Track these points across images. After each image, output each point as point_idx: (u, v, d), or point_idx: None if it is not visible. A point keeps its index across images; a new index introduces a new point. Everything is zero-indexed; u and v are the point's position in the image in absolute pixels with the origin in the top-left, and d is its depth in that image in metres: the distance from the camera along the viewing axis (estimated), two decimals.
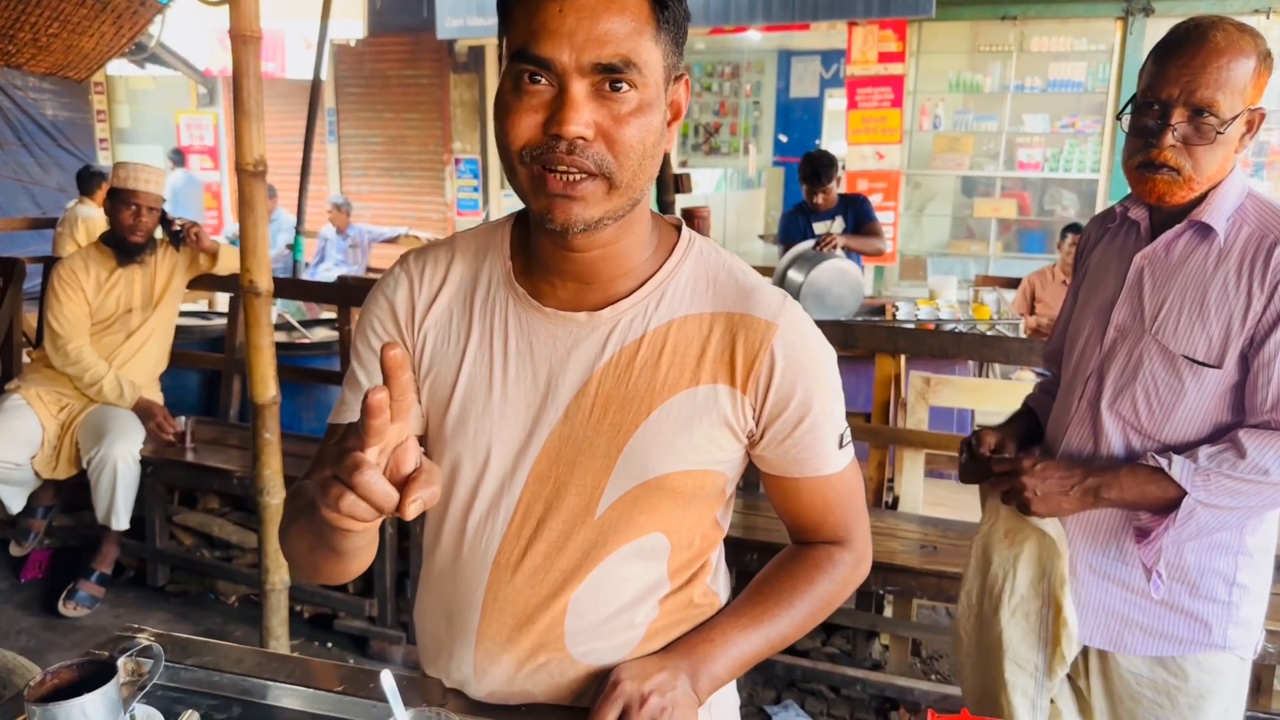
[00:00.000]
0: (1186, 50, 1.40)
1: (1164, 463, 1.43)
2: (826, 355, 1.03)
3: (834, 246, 4.34)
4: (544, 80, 0.85)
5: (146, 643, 1.05)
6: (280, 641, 2.54)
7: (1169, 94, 1.40)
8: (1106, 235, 1.65)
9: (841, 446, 1.05)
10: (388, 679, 0.89)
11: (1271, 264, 1.39)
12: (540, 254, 0.99)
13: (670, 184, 3.99)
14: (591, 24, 0.83)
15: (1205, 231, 1.46)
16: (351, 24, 8.42)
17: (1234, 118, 1.39)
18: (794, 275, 4.21)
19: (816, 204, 4.68)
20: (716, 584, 1.12)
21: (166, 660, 1.07)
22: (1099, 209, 7.62)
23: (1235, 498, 1.40)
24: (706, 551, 1.09)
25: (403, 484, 0.74)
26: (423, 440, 1.06)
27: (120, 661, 0.98)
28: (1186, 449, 1.46)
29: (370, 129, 9.57)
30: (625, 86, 0.86)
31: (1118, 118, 1.54)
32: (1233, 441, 1.41)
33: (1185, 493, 1.40)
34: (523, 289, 1.00)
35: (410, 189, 9.56)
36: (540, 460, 0.99)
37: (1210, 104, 1.38)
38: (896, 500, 2.95)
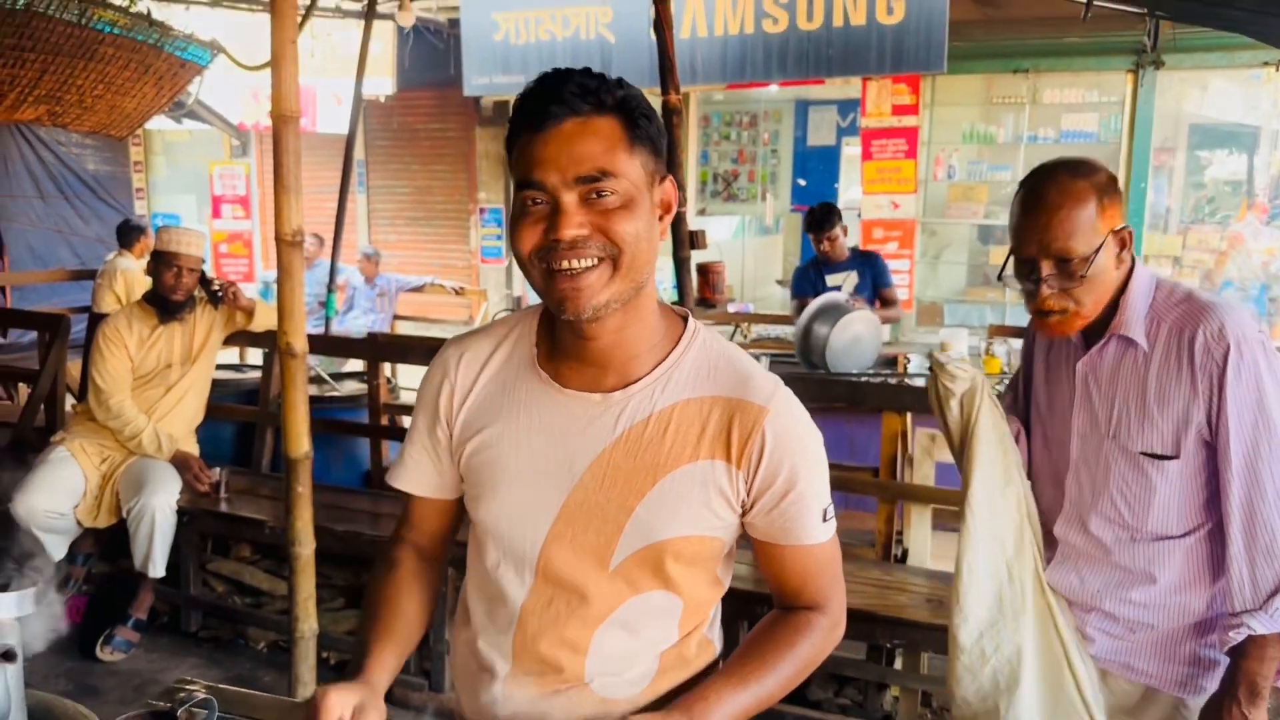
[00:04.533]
0: (1031, 211, 1.55)
1: (1245, 631, 1.51)
2: (813, 437, 1.18)
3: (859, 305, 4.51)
4: (542, 200, 1.06)
5: (201, 695, 1.17)
6: (308, 687, 2.65)
7: (1030, 252, 1.56)
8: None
9: (825, 520, 1.18)
10: None
11: (1197, 355, 1.51)
12: (561, 341, 1.17)
13: (685, 240, 4.13)
14: (571, 149, 1.04)
15: (1129, 340, 1.58)
16: (382, 81, 8.70)
17: (1096, 251, 1.52)
18: (819, 329, 4.30)
19: (824, 251, 4.83)
20: (713, 633, 1.28)
21: (219, 712, 1.19)
22: None
23: None
24: (709, 607, 1.25)
25: None
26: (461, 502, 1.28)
27: (179, 713, 1.10)
28: (1172, 538, 1.59)
29: (399, 180, 9.86)
30: (607, 191, 1.05)
31: (999, 278, 1.69)
32: (1250, 573, 1.51)
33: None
34: (545, 373, 1.17)
35: (436, 238, 9.82)
36: (558, 522, 1.15)
37: (1065, 252, 1.52)
38: (905, 554, 3.03)
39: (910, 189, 7.92)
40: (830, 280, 4.87)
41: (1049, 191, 1.53)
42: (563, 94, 1.05)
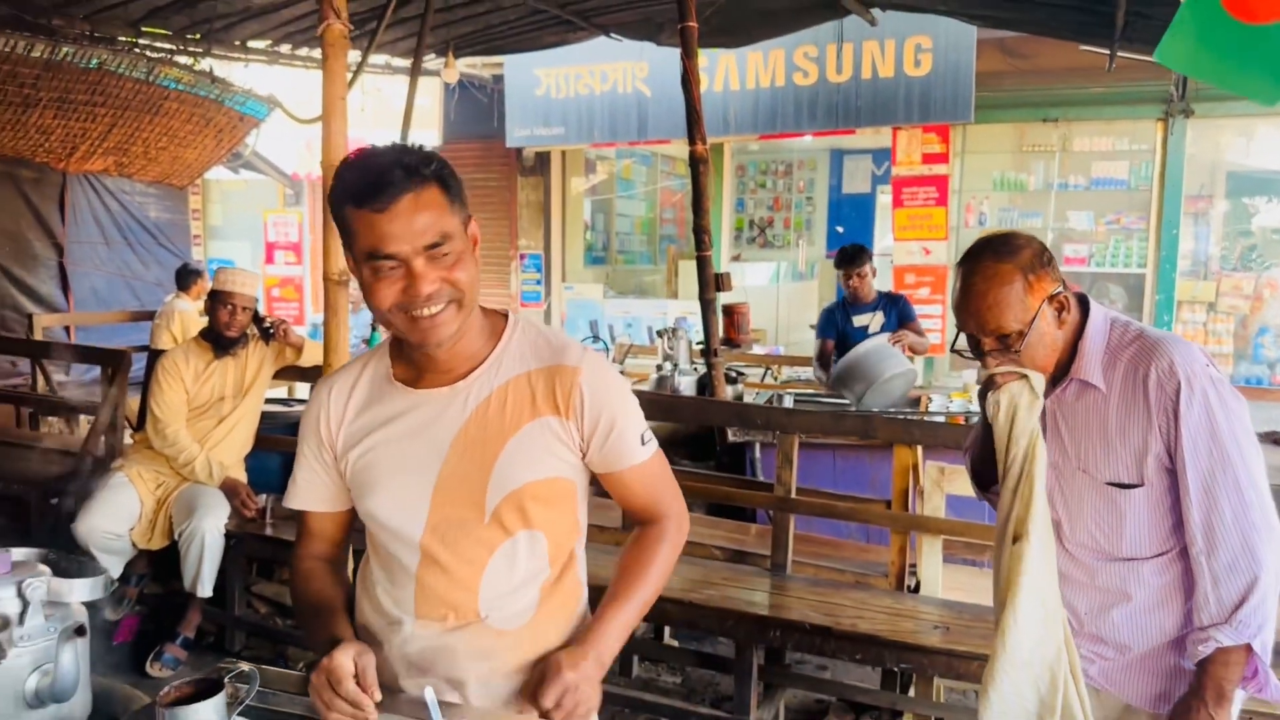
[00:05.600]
0: (965, 296, 1.67)
1: (1212, 644, 1.61)
2: (619, 381, 1.46)
3: (903, 346, 4.62)
4: (393, 265, 1.28)
5: (244, 669, 1.33)
6: None
7: (971, 330, 1.69)
8: None
9: (644, 444, 1.45)
10: (430, 694, 1.15)
11: (1151, 391, 1.63)
12: (410, 357, 1.43)
13: (711, 282, 4.31)
14: (411, 223, 1.26)
15: (1087, 382, 1.71)
16: (428, 133, 9.10)
17: (1031, 321, 1.64)
18: (857, 386, 4.41)
19: (853, 287, 4.97)
20: (581, 573, 1.51)
21: (258, 687, 1.35)
22: (1146, 303, 7.71)
23: (1263, 611, 1.60)
24: (571, 543, 1.48)
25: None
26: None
27: (225, 680, 1.26)
28: (1145, 559, 1.70)
29: None
30: (446, 252, 1.29)
31: (952, 349, 1.81)
32: (1214, 590, 1.61)
33: (1248, 643, 1.60)
34: (401, 383, 1.43)
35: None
36: (437, 490, 1.39)
37: (1000, 329, 1.65)
38: (918, 585, 3.11)
39: (941, 235, 8.03)
40: (857, 321, 5.00)
41: (975, 280, 1.66)
42: (393, 175, 1.25)
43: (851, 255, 4.99)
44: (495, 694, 1.42)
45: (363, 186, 1.26)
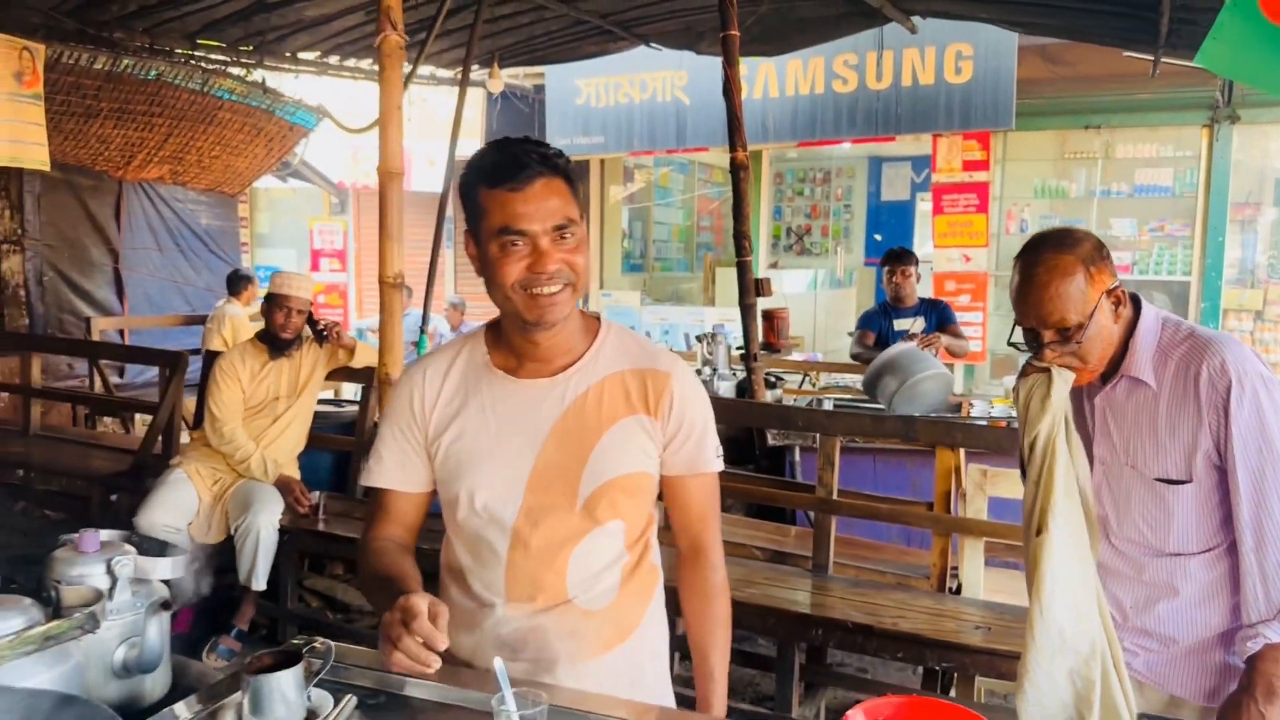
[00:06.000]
0: (1026, 288, 1.68)
1: (1261, 640, 1.63)
2: (704, 395, 1.56)
3: (935, 349, 4.63)
4: (522, 242, 1.37)
5: (319, 643, 1.40)
6: None
7: (1030, 324, 1.70)
8: None
9: (717, 456, 1.54)
10: (499, 664, 1.22)
11: (1202, 389, 1.65)
12: (511, 345, 1.50)
13: (750, 287, 4.36)
14: (544, 204, 1.36)
15: (1138, 379, 1.73)
16: (471, 143, 9.23)
17: (1090, 315, 1.65)
18: (890, 381, 4.42)
19: (896, 285, 5.00)
20: (656, 559, 1.60)
21: (333, 662, 1.42)
22: (1191, 311, 7.63)
23: None
24: (647, 532, 1.57)
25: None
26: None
27: (304, 652, 1.34)
28: (1192, 554, 1.72)
29: None
30: (569, 235, 1.39)
31: (1009, 343, 1.82)
32: (1263, 586, 1.63)
33: None
34: (499, 370, 1.50)
35: None
36: (533, 476, 1.46)
37: (1061, 322, 1.66)
38: (960, 588, 3.13)
39: (982, 243, 8.00)
40: (898, 324, 5.03)
41: (1037, 271, 1.67)
42: (529, 160, 1.36)
43: (899, 254, 5.11)
44: (583, 674, 1.48)
45: (500, 168, 1.37)
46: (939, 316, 5.05)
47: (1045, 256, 1.67)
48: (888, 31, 6.57)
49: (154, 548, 1.70)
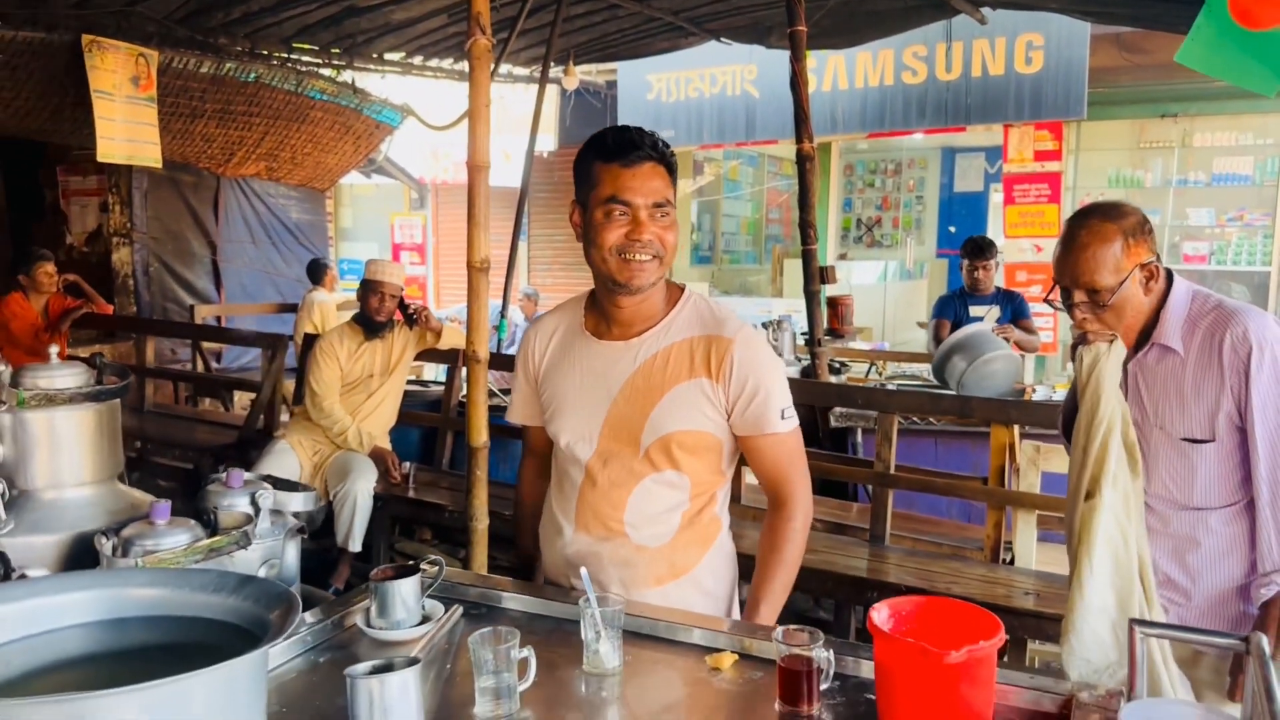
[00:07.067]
0: (1066, 248, 1.83)
1: (1274, 587, 1.78)
2: (771, 358, 1.71)
3: (1007, 339, 4.73)
4: (625, 212, 1.61)
5: (432, 558, 1.65)
6: None
7: (1064, 283, 1.85)
8: None
9: (784, 418, 1.68)
10: (585, 573, 1.45)
11: (1225, 355, 1.79)
12: (601, 310, 1.75)
13: (815, 275, 4.51)
14: (649, 182, 1.61)
15: (1167, 346, 1.87)
16: (546, 138, 9.54)
17: (1120, 284, 1.79)
18: (958, 362, 4.52)
19: (976, 278, 5.08)
20: (722, 514, 1.78)
21: (443, 579, 1.67)
22: (1271, 301, 7.49)
23: None
24: (714, 488, 1.74)
25: None
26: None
27: (423, 565, 1.59)
28: (1214, 509, 1.86)
29: (555, 229, 10.69)
30: (666, 213, 1.63)
31: (1045, 300, 1.96)
32: (1278, 537, 1.77)
33: None
34: (589, 333, 1.76)
35: (587, 280, 10.16)
36: (606, 424, 1.70)
37: (1091, 285, 1.81)
38: (1013, 559, 3.26)
39: (1053, 233, 7.94)
40: (974, 311, 5.13)
41: (1080, 233, 1.83)
42: (643, 143, 1.61)
43: (981, 247, 5.16)
44: (635, 602, 1.64)
45: (617, 146, 1.61)
46: (1014, 309, 5.14)
47: (1091, 222, 1.83)
48: (956, 23, 6.61)
49: (285, 486, 1.98)
